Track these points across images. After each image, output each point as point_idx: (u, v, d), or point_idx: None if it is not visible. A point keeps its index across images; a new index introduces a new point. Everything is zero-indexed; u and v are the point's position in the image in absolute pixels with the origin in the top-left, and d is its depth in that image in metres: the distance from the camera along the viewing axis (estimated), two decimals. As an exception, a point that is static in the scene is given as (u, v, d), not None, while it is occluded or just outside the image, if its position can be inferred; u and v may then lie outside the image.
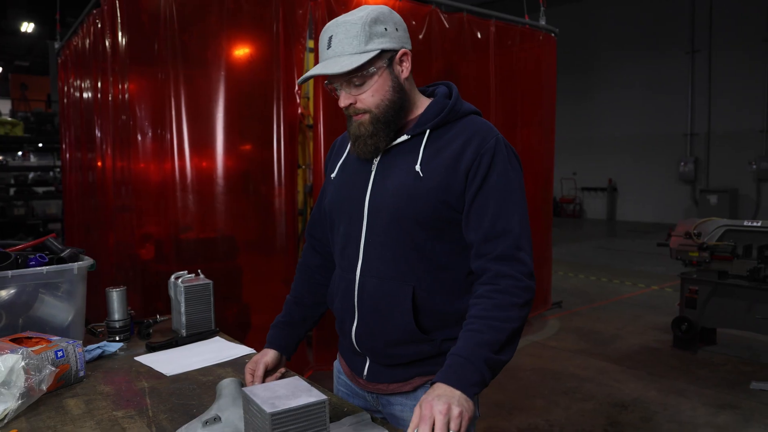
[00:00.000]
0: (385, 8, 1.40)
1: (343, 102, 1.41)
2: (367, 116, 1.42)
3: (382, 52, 1.37)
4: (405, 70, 1.43)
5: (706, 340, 5.18)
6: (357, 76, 1.37)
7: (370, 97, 1.40)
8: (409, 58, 1.43)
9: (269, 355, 1.60)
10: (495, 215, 1.37)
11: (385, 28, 1.38)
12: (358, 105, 1.41)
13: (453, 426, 1.15)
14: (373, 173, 1.49)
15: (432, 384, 1.25)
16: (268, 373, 1.57)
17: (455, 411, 1.16)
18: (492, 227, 1.37)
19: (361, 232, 1.48)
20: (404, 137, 1.46)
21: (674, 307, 5.84)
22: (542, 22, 6.21)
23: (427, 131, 1.45)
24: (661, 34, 15.59)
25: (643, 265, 9.61)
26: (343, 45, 1.35)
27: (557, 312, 6.55)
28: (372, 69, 1.38)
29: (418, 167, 1.41)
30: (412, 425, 1.16)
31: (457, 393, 1.21)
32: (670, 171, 15.70)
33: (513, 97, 5.86)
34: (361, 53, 1.35)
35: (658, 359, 4.91)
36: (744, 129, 14.25)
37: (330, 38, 1.37)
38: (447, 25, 5.10)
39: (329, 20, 4.30)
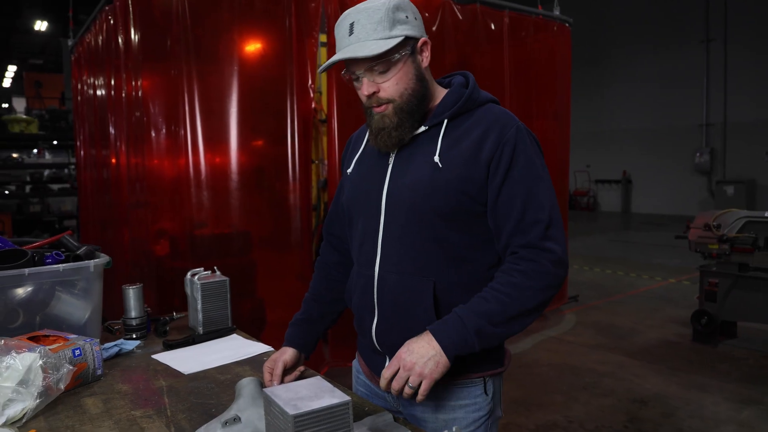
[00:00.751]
0: None
1: (367, 90, 1.36)
2: (390, 107, 1.37)
3: (406, 39, 1.34)
4: (425, 59, 1.40)
5: (726, 333, 5.10)
6: (382, 62, 1.33)
7: (394, 85, 1.36)
8: (429, 48, 1.40)
9: (288, 353, 1.58)
10: (524, 205, 1.34)
11: (406, 16, 1.34)
12: (381, 94, 1.37)
13: (410, 381, 1.28)
14: (390, 166, 1.45)
15: (424, 329, 1.34)
16: (286, 371, 1.55)
17: (417, 370, 1.28)
18: (521, 218, 1.34)
19: (379, 226, 1.45)
20: (422, 128, 1.42)
21: (693, 300, 5.76)
22: (556, 12, 6.13)
23: (445, 121, 1.41)
24: (675, 24, 15.40)
25: (660, 257, 9.51)
26: (367, 30, 1.31)
27: (574, 306, 6.50)
28: (396, 56, 1.34)
29: (436, 158, 1.37)
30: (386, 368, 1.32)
31: (434, 350, 1.29)
32: (686, 162, 15.53)
33: (527, 88, 5.79)
34: (386, 39, 1.31)
35: (677, 353, 4.85)
36: (761, 119, 14.05)
37: (351, 24, 1.33)
38: (460, 17, 5.05)
39: (342, 14, 4.28)
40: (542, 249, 1.33)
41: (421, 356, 1.28)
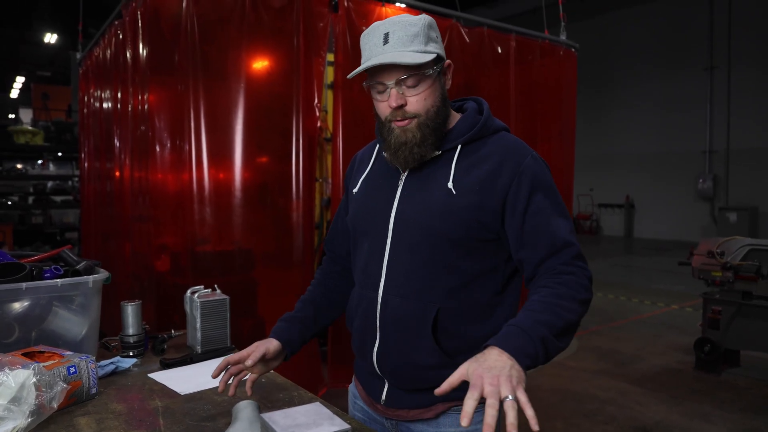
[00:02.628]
0: (432, 18, 1.39)
1: (396, 101, 1.34)
2: (414, 122, 1.35)
3: (438, 57, 1.34)
4: (448, 81, 1.41)
5: (729, 362, 5.04)
6: (415, 76, 1.32)
7: (422, 100, 1.35)
8: (451, 71, 1.41)
9: (273, 344, 1.50)
10: (552, 233, 1.33)
11: (437, 36, 1.36)
12: (408, 108, 1.35)
13: (505, 394, 1.04)
14: (400, 188, 1.44)
15: (483, 348, 1.16)
16: (265, 362, 1.48)
17: (503, 380, 1.06)
18: (551, 245, 1.32)
19: (385, 248, 1.42)
20: (435, 152, 1.41)
21: (696, 327, 5.71)
22: (563, 38, 6.15)
23: (459, 146, 1.40)
24: (679, 51, 15.48)
25: (662, 283, 9.45)
26: (404, 42, 1.31)
27: (576, 331, 6.43)
28: (429, 71, 1.34)
29: (450, 183, 1.36)
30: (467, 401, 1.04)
31: (509, 362, 1.11)
32: (689, 188, 15.51)
33: (533, 112, 5.80)
34: (422, 53, 1.31)
35: (680, 381, 4.79)
36: (764, 146, 14.04)
37: (386, 35, 1.32)
38: (467, 40, 5.07)
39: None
40: (578, 266, 1.32)
41: (500, 368, 1.09)
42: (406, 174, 1.44)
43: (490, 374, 1.08)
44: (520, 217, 1.34)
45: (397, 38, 1.31)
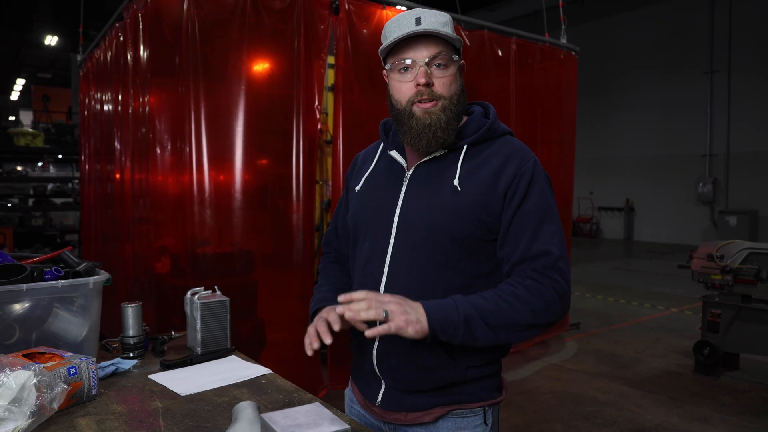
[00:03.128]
0: None
1: (424, 78, 1.35)
2: (439, 104, 1.37)
3: (460, 50, 1.41)
4: (461, 80, 1.45)
5: (728, 365, 5.04)
6: (445, 56, 1.36)
7: (448, 84, 1.38)
8: (464, 71, 1.47)
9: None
10: (533, 237, 1.34)
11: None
12: (436, 88, 1.37)
13: (387, 309, 1.21)
14: (404, 186, 1.44)
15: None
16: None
17: (397, 309, 1.22)
18: (529, 249, 1.33)
19: (388, 246, 1.43)
20: (440, 151, 1.42)
21: (695, 330, 5.72)
22: (563, 41, 6.17)
23: (465, 147, 1.41)
24: (679, 55, 15.50)
25: (662, 286, 9.45)
26: (435, 25, 1.35)
27: (575, 333, 6.44)
28: (456, 57, 1.39)
29: (456, 182, 1.37)
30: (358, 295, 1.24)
31: (420, 314, 1.24)
32: (689, 192, 15.53)
33: (533, 114, 5.81)
34: (453, 36, 1.37)
35: (680, 384, 4.79)
36: (764, 150, 14.06)
37: (419, 18, 1.35)
38: (468, 43, 5.08)
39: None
40: (549, 277, 1.32)
41: (410, 307, 1.25)
42: (411, 172, 1.45)
43: (400, 305, 1.24)
44: (510, 216, 1.36)
45: (429, 22, 1.35)
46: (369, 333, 1.21)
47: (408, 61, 1.36)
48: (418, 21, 1.34)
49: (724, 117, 14.79)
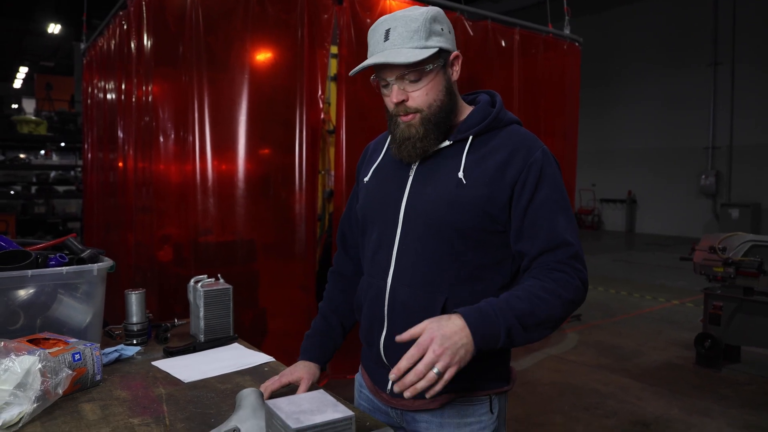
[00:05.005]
0: (440, 9, 1.39)
1: (396, 97, 1.35)
2: (417, 116, 1.37)
3: (440, 50, 1.34)
4: (455, 73, 1.41)
5: (729, 357, 5.05)
6: (415, 71, 1.33)
7: (423, 95, 1.36)
8: (460, 62, 1.41)
9: (313, 369, 1.57)
10: (551, 229, 1.33)
11: (442, 28, 1.36)
12: (410, 103, 1.36)
13: (438, 367, 1.12)
14: (411, 178, 1.45)
15: (453, 312, 1.22)
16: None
17: (447, 355, 1.13)
18: (549, 240, 1.32)
19: (395, 237, 1.43)
20: (446, 143, 1.42)
21: (696, 322, 5.73)
22: (567, 32, 6.14)
23: (470, 137, 1.41)
24: (682, 47, 15.43)
25: (664, 278, 9.46)
26: (404, 38, 1.31)
27: (576, 325, 6.45)
28: (429, 66, 1.34)
29: (461, 174, 1.37)
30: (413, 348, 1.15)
31: (464, 339, 1.17)
32: (691, 184, 15.50)
33: (536, 105, 5.79)
34: (422, 48, 1.31)
35: (680, 376, 4.80)
36: (767, 143, 14.01)
37: (387, 31, 1.33)
38: (471, 33, 5.06)
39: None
40: (573, 267, 1.32)
41: (454, 342, 1.15)
42: (417, 164, 1.45)
43: (440, 343, 1.14)
44: (523, 209, 1.34)
45: (398, 35, 1.31)
46: (429, 395, 1.16)
47: (383, 81, 1.38)
48: (386, 35, 1.32)
49: (727, 110, 14.73)
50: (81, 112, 8.20)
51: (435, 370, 1.12)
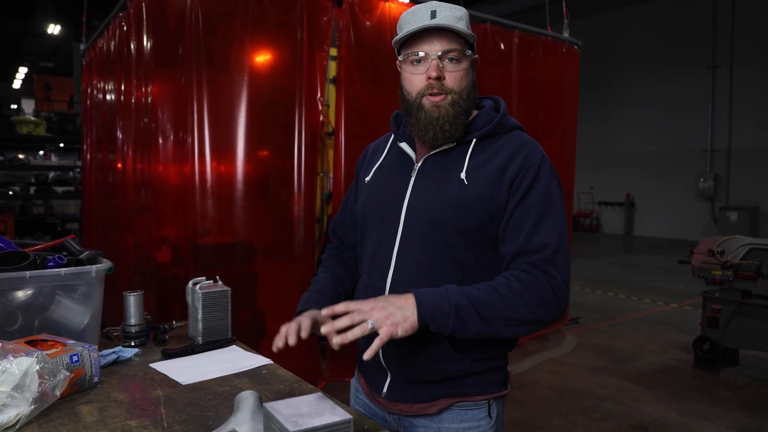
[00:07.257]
0: None
1: (435, 72, 1.36)
2: (448, 98, 1.38)
3: (474, 46, 1.41)
4: (473, 75, 1.45)
5: (728, 361, 5.05)
6: (458, 51, 1.37)
7: (459, 78, 1.38)
8: (477, 66, 1.46)
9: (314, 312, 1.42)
10: (533, 228, 1.33)
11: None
12: (446, 82, 1.37)
13: (374, 322, 1.19)
14: (413, 178, 1.45)
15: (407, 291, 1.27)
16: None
17: (383, 314, 1.20)
18: (527, 242, 1.32)
19: (396, 237, 1.43)
20: (449, 144, 1.42)
21: (695, 325, 5.73)
22: (565, 35, 6.15)
23: (473, 140, 1.41)
24: (681, 50, 15.45)
25: (662, 281, 9.46)
26: (450, 19, 1.35)
27: (575, 328, 6.45)
28: (469, 52, 1.39)
29: (463, 175, 1.37)
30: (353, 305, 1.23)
31: (409, 312, 1.22)
32: (689, 187, 15.51)
33: (535, 108, 5.80)
34: (467, 32, 1.37)
35: (678, 379, 4.80)
36: (765, 146, 14.03)
37: (434, 11, 1.36)
38: (471, 35, 5.06)
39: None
40: (545, 272, 1.30)
41: (396, 307, 1.22)
42: (419, 165, 1.45)
43: (381, 305, 1.22)
44: (512, 209, 1.35)
45: (444, 16, 1.35)
46: (367, 356, 1.19)
47: (421, 54, 1.37)
48: (433, 14, 1.35)
49: (725, 112, 14.75)
50: (80, 112, 8.20)
51: (369, 325, 1.19)
